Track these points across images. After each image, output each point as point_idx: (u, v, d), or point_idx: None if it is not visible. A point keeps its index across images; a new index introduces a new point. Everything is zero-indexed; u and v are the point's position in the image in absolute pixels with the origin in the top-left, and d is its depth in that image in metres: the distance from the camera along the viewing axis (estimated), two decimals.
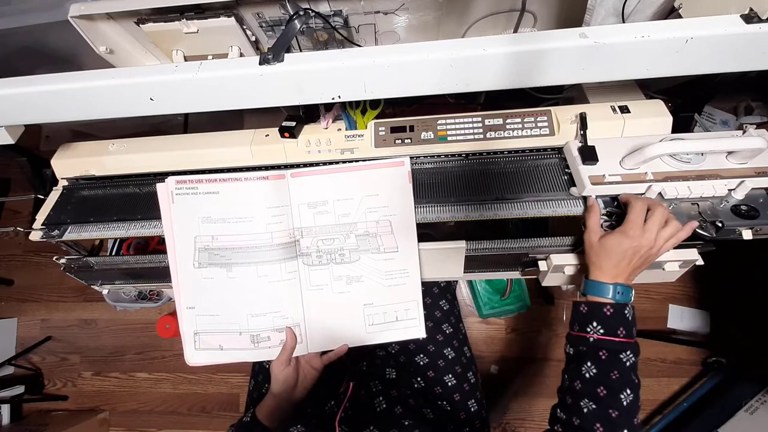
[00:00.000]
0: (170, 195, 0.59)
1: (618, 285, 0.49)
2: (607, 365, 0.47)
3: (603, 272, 0.49)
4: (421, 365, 0.70)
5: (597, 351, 0.48)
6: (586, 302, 0.50)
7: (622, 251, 0.48)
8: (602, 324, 0.48)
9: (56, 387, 1.54)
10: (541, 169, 0.58)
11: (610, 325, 0.48)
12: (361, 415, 0.57)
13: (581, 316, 0.50)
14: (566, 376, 0.51)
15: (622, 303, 0.48)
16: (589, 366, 0.48)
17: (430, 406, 0.62)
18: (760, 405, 1.05)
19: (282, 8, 0.64)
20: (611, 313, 0.48)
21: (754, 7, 0.41)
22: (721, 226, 0.49)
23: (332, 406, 0.60)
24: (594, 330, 0.48)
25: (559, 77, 0.46)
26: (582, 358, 0.49)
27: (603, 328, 0.48)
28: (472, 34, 0.71)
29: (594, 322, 0.49)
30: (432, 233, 0.73)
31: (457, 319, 0.80)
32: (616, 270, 0.49)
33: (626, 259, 0.48)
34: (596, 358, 0.48)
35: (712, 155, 0.53)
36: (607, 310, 0.48)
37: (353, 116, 0.63)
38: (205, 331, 0.61)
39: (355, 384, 0.61)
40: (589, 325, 0.49)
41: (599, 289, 0.49)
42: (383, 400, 0.59)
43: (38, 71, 0.51)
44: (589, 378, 0.47)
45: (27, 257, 1.60)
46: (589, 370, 0.48)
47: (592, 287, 0.50)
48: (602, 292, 0.49)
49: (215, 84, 0.48)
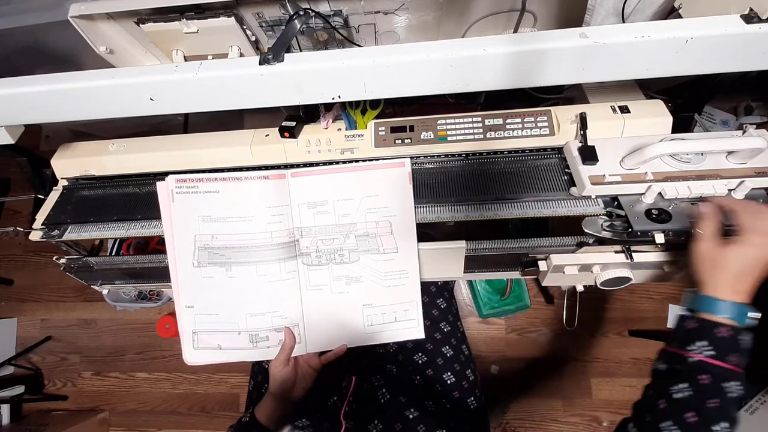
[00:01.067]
0: (170, 193, 0.59)
1: (740, 305, 0.42)
2: (707, 391, 0.40)
3: (722, 288, 0.43)
4: (420, 364, 0.70)
5: (697, 373, 0.41)
6: (696, 317, 0.43)
7: (749, 264, 0.42)
8: (714, 345, 0.41)
9: (56, 387, 1.54)
10: (541, 169, 0.58)
11: (722, 348, 0.41)
12: (366, 409, 0.57)
13: (686, 332, 0.44)
14: (650, 392, 0.45)
15: (742, 326, 0.42)
16: (682, 387, 0.41)
17: (432, 399, 0.62)
18: (760, 405, 1.05)
19: (282, 8, 0.64)
20: (730, 336, 0.41)
21: (754, 7, 0.41)
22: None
23: (335, 401, 0.60)
24: (699, 349, 0.42)
25: (559, 77, 0.46)
26: (675, 377, 0.42)
27: (714, 350, 0.41)
28: (472, 34, 0.71)
29: (702, 342, 0.42)
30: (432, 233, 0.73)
31: (454, 318, 0.80)
32: (740, 286, 0.42)
33: (751, 273, 0.42)
34: (695, 380, 0.41)
35: (712, 155, 0.53)
36: (722, 331, 0.41)
37: (353, 116, 0.63)
38: (203, 330, 0.61)
39: (357, 378, 0.62)
40: (695, 344, 0.42)
41: (715, 306, 0.43)
42: (386, 392, 0.59)
43: (38, 71, 0.51)
44: (678, 399, 0.41)
45: (27, 257, 1.60)
46: (681, 390, 0.41)
47: (706, 303, 0.43)
48: (719, 310, 0.42)
49: (215, 84, 0.48)
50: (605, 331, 1.35)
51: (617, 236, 0.52)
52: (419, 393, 0.63)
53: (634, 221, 0.50)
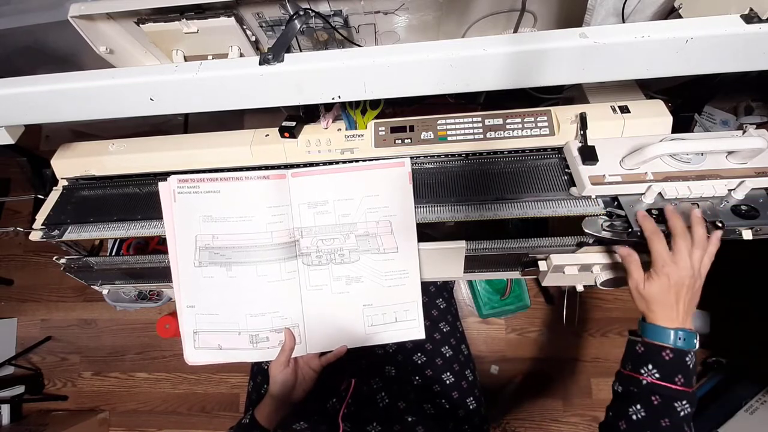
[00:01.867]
0: (172, 194, 0.59)
1: (679, 330, 0.46)
2: (658, 411, 0.44)
3: (660, 318, 0.47)
4: (419, 364, 0.70)
5: (649, 395, 0.45)
6: (644, 342, 0.48)
7: (669, 294, 0.46)
8: (659, 368, 0.45)
9: (56, 387, 1.54)
10: (541, 169, 0.58)
11: (668, 371, 0.45)
12: (364, 411, 0.57)
13: (636, 355, 0.48)
14: (611, 413, 0.49)
15: (684, 349, 0.46)
16: (637, 408, 0.45)
17: (430, 401, 0.62)
18: (760, 405, 1.05)
19: (282, 8, 0.64)
20: (671, 359, 0.45)
21: (754, 7, 0.41)
22: (721, 226, 0.49)
23: (334, 404, 0.60)
24: (649, 373, 0.46)
25: (559, 77, 0.46)
26: (631, 398, 0.46)
27: (659, 373, 0.45)
28: (472, 34, 0.71)
29: (650, 365, 0.46)
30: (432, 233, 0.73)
31: (454, 318, 0.80)
32: (673, 313, 0.47)
33: (677, 300, 0.46)
34: (647, 402, 0.45)
35: (712, 155, 0.53)
36: (666, 354, 0.46)
37: (353, 116, 0.63)
38: (204, 330, 0.61)
39: (356, 380, 0.61)
40: (644, 367, 0.46)
41: (659, 333, 0.47)
42: (385, 396, 0.59)
43: (38, 71, 0.51)
44: (636, 420, 0.45)
45: (27, 257, 1.60)
46: (637, 412, 0.45)
47: (651, 331, 0.47)
48: (662, 337, 0.46)
49: (215, 84, 0.48)
50: (605, 331, 1.35)
51: (617, 236, 0.52)
52: (418, 396, 0.63)
53: (634, 221, 0.50)
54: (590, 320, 1.36)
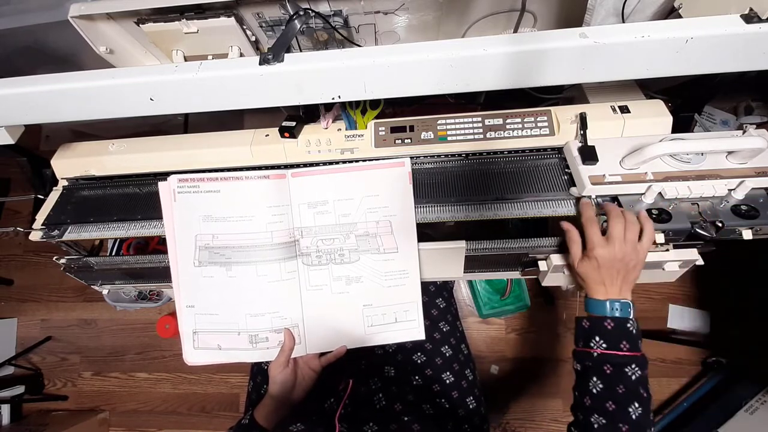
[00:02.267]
0: (172, 193, 0.59)
1: (613, 301, 0.49)
2: (612, 379, 0.47)
3: (595, 291, 0.51)
4: (419, 363, 0.70)
5: (601, 365, 0.48)
6: (588, 317, 0.51)
7: (600, 273, 0.49)
8: (604, 338, 0.48)
9: (56, 387, 1.54)
10: (541, 169, 0.58)
11: (612, 339, 0.48)
12: (361, 412, 0.57)
13: (584, 331, 0.51)
14: (576, 393, 0.51)
15: (623, 317, 0.49)
16: (595, 381, 0.48)
17: (429, 402, 0.62)
18: (760, 405, 1.05)
19: (282, 8, 0.64)
20: (612, 327, 0.48)
21: (754, 7, 0.41)
22: (721, 226, 0.49)
23: (332, 404, 0.60)
24: (597, 344, 0.49)
25: (559, 77, 0.46)
26: (588, 373, 0.49)
27: (605, 342, 0.48)
28: (472, 34, 0.71)
29: (596, 337, 0.49)
30: (432, 233, 0.73)
31: (454, 317, 0.80)
32: (605, 287, 0.50)
33: (609, 278, 0.49)
34: (601, 372, 0.48)
35: (712, 155, 0.53)
36: (607, 324, 0.49)
37: (353, 116, 0.63)
38: (204, 330, 0.61)
39: (354, 381, 0.61)
40: (592, 340, 0.49)
41: (596, 306, 0.50)
42: (383, 397, 0.59)
43: (38, 71, 0.51)
44: (596, 393, 0.48)
45: (27, 257, 1.60)
46: (595, 385, 0.48)
47: (591, 305, 0.51)
48: (600, 309, 0.50)
49: (215, 84, 0.48)
50: None
51: None
52: (417, 397, 0.62)
53: None
54: None
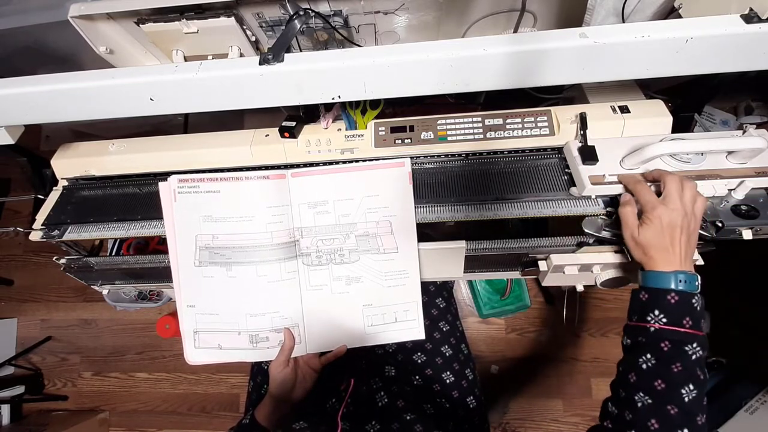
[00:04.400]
0: (173, 193, 0.59)
1: (679, 273, 0.44)
2: (668, 357, 0.42)
3: (658, 263, 0.45)
4: (419, 363, 0.70)
5: (658, 342, 0.43)
6: (647, 289, 0.46)
7: (664, 237, 0.45)
8: (665, 313, 0.44)
9: (56, 387, 1.54)
10: (541, 169, 0.58)
11: (674, 314, 0.43)
12: (363, 410, 0.57)
13: (641, 304, 0.46)
14: (621, 368, 0.47)
15: (689, 291, 0.44)
16: (647, 357, 0.43)
17: (429, 401, 0.62)
18: (760, 405, 1.05)
19: (282, 8, 0.64)
20: (676, 302, 0.44)
21: (754, 7, 0.41)
22: (721, 226, 0.49)
23: (333, 403, 0.60)
24: (656, 319, 0.44)
25: (559, 77, 0.46)
26: (640, 349, 0.45)
27: (666, 317, 0.44)
28: (472, 34, 0.71)
29: (656, 311, 0.44)
30: (432, 233, 0.73)
31: (453, 317, 0.80)
32: (672, 256, 0.45)
33: (671, 242, 0.45)
34: (657, 349, 0.43)
35: (712, 155, 0.53)
36: (671, 297, 0.44)
37: (353, 116, 0.63)
38: (204, 330, 0.61)
39: (355, 380, 0.61)
40: (650, 314, 0.44)
41: (659, 279, 0.45)
42: (384, 395, 0.59)
43: (38, 71, 0.51)
44: (646, 369, 0.43)
45: (27, 257, 1.60)
46: (647, 361, 0.43)
47: (652, 278, 0.46)
48: (664, 282, 0.45)
49: (215, 84, 0.48)
50: (605, 331, 1.35)
51: (617, 236, 0.52)
52: (418, 396, 0.63)
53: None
54: (590, 320, 1.36)
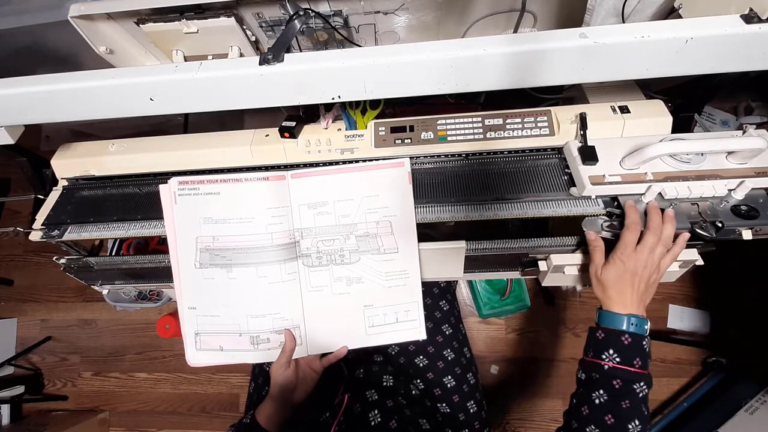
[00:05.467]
0: (173, 196, 0.59)
1: (632, 316, 0.48)
2: (619, 394, 0.46)
3: (614, 303, 0.49)
4: (421, 367, 0.70)
5: (611, 379, 0.47)
6: (603, 329, 0.50)
7: (622, 279, 0.49)
8: (619, 352, 0.48)
9: (56, 387, 1.54)
10: (541, 169, 0.58)
11: (626, 355, 0.47)
12: (356, 429, 0.57)
13: (597, 342, 0.50)
14: (575, 400, 0.51)
15: (639, 334, 0.48)
16: (600, 393, 0.47)
17: (426, 416, 0.62)
18: (760, 405, 1.05)
19: (282, 8, 0.64)
20: (629, 343, 0.48)
21: (754, 7, 0.41)
22: (721, 226, 0.49)
23: (327, 418, 0.59)
24: (609, 358, 0.48)
25: (559, 77, 0.46)
26: (594, 384, 0.48)
27: (619, 357, 0.47)
28: (472, 34, 0.71)
29: (610, 350, 0.48)
30: (432, 233, 0.73)
31: (457, 320, 0.80)
32: (625, 299, 0.49)
33: (630, 287, 0.48)
34: (609, 385, 0.47)
35: (712, 155, 0.53)
36: (625, 339, 0.48)
37: (353, 116, 0.63)
38: (205, 332, 0.61)
39: (350, 396, 0.61)
40: (605, 353, 0.48)
41: (613, 319, 0.49)
42: (378, 414, 0.58)
43: (38, 71, 0.51)
44: (598, 404, 0.47)
45: (27, 257, 1.60)
46: (599, 396, 0.47)
47: (606, 318, 0.50)
48: (616, 323, 0.49)
49: (215, 84, 0.48)
50: None
51: (617, 236, 0.52)
52: (414, 409, 0.62)
53: None
54: (590, 320, 1.35)
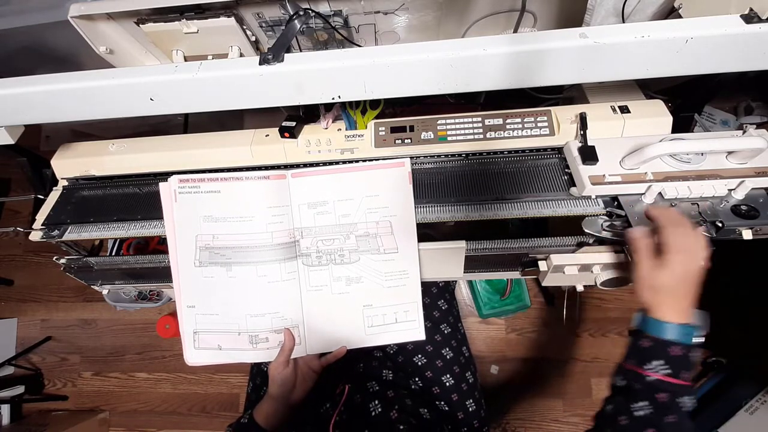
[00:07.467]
0: (173, 194, 0.59)
1: (687, 326, 0.44)
2: (664, 408, 0.42)
3: (668, 311, 0.44)
4: (419, 365, 0.70)
5: (655, 392, 0.43)
6: (650, 337, 0.45)
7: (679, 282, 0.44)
8: (669, 364, 0.43)
9: (56, 387, 1.54)
10: (541, 169, 0.58)
11: (675, 367, 0.43)
12: (356, 420, 0.57)
13: (641, 350, 0.45)
14: (610, 406, 0.47)
15: (690, 345, 0.44)
16: (642, 405, 0.43)
17: (427, 406, 0.62)
18: (760, 405, 1.05)
19: (282, 8, 0.64)
20: (678, 355, 0.43)
21: (754, 7, 0.41)
22: (721, 226, 0.49)
23: (327, 409, 0.59)
24: (655, 369, 0.43)
25: (559, 77, 0.46)
26: (635, 394, 0.44)
27: (668, 369, 0.43)
28: (472, 34, 0.71)
29: (656, 361, 0.44)
30: (432, 233, 0.73)
31: (455, 319, 0.80)
32: (680, 306, 0.44)
33: (685, 290, 0.44)
34: (652, 398, 0.43)
35: (712, 155, 0.53)
36: (674, 350, 0.43)
37: (353, 116, 0.63)
38: (204, 331, 0.61)
39: (351, 387, 0.61)
40: (650, 363, 0.44)
41: (666, 330, 0.44)
42: (378, 404, 0.58)
43: (38, 71, 0.51)
44: (639, 417, 0.43)
45: (27, 257, 1.60)
46: (642, 408, 0.43)
47: (655, 327, 0.45)
48: (671, 333, 0.44)
49: (215, 84, 0.48)
50: (605, 331, 1.35)
51: (617, 236, 0.52)
52: (415, 401, 0.62)
53: (634, 221, 0.50)
54: (590, 320, 1.36)
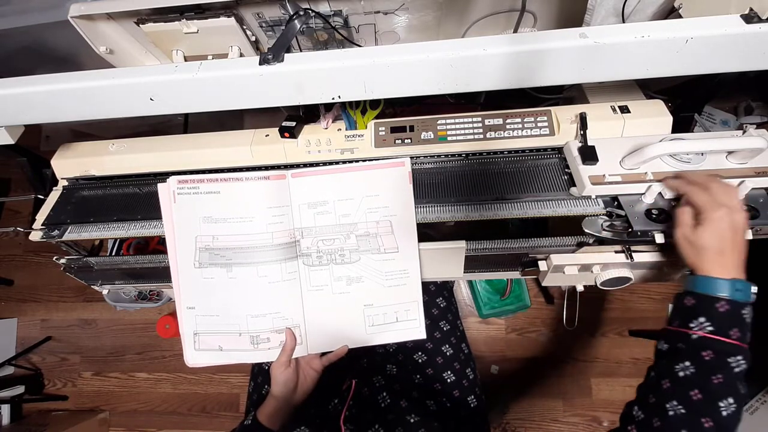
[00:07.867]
0: (172, 195, 0.59)
1: (737, 281, 0.41)
2: (710, 367, 0.40)
3: (714, 268, 0.42)
4: (420, 363, 0.70)
5: (700, 350, 0.40)
6: (694, 294, 0.43)
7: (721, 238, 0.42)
8: (712, 321, 0.41)
9: (56, 387, 1.54)
10: (541, 169, 0.58)
11: (722, 324, 0.40)
12: (366, 413, 0.57)
13: (685, 309, 0.43)
14: (653, 373, 0.44)
15: (741, 301, 0.41)
16: (686, 365, 0.41)
17: (432, 398, 0.62)
18: (760, 405, 1.05)
19: (282, 8, 0.64)
20: (726, 311, 0.40)
21: (754, 7, 0.41)
22: None
23: (336, 405, 0.59)
24: (700, 326, 0.41)
25: (559, 77, 0.46)
26: (678, 355, 0.42)
27: (712, 326, 0.41)
28: (472, 34, 0.71)
29: (701, 318, 0.41)
30: (432, 233, 0.73)
31: (454, 316, 0.80)
32: (726, 261, 0.42)
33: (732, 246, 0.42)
34: (697, 357, 0.40)
35: (712, 155, 0.53)
36: (720, 306, 0.41)
37: (353, 116, 0.63)
38: (204, 332, 0.61)
39: (357, 381, 0.61)
40: (694, 321, 0.41)
41: (712, 285, 0.41)
42: (387, 396, 0.58)
43: (38, 71, 0.51)
44: (683, 377, 0.40)
45: (27, 257, 1.60)
46: (685, 369, 0.41)
47: (702, 283, 0.42)
48: (717, 288, 0.41)
49: (215, 84, 0.48)
50: (605, 331, 1.35)
51: (617, 236, 0.52)
52: (420, 393, 0.62)
53: (634, 221, 0.50)
54: (590, 320, 1.36)
